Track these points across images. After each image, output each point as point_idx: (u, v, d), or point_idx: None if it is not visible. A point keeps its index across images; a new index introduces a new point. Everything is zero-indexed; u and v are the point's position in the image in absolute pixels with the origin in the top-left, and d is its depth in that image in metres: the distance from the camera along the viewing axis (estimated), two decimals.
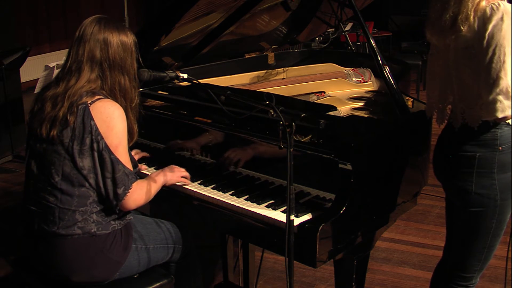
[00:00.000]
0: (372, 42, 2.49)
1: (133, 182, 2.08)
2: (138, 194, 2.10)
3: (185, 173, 2.32)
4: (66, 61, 2.11)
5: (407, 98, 2.53)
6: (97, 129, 2.00)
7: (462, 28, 2.03)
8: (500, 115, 2.00)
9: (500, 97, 1.98)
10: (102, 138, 2.01)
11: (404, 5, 9.84)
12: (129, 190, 2.06)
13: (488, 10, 1.98)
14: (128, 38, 2.10)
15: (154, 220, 2.34)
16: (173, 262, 2.34)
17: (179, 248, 2.32)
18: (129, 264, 2.16)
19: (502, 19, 1.95)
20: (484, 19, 1.99)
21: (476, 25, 2.01)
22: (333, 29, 3.61)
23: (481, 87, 2.02)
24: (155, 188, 2.20)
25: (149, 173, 2.43)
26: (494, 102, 1.99)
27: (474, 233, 2.21)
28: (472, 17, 2.01)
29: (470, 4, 2.00)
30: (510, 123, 2.09)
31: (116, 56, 2.07)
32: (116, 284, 2.16)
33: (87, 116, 2.00)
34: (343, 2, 3.18)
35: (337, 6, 3.24)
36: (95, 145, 2.01)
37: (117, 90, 2.08)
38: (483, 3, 2.00)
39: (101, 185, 2.04)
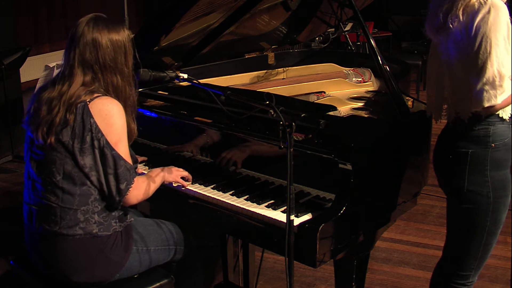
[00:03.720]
0: (372, 42, 2.49)
1: (135, 177, 2.08)
2: (139, 189, 2.11)
3: (184, 174, 2.32)
4: (62, 65, 2.10)
5: (407, 98, 2.53)
6: (97, 126, 2.00)
7: (451, 25, 2.08)
8: (486, 104, 2.03)
9: (487, 87, 2.02)
10: (102, 135, 2.01)
11: (404, 5, 9.83)
12: (132, 185, 2.06)
13: (476, 5, 2.03)
14: (120, 36, 2.07)
15: (155, 221, 2.33)
16: (174, 262, 2.34)
17: (181, 249, 2.32)
18: (130, 265, 2.16)
19: (489, 11, 2.00)
20: (472, 13, 2.03)
21: (464, 20, 2.05)
22: (333, 29, 3.61)
23: (470, 78, 2.06)
24: (154, 185, 2.19)
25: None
26: (481, 92, 2.03)
27: (469, 231, 2.22)
28: (461, 13, 2.05)
29: (460, 3, 2.05)
30: (505, 118, 2.11)
31: (106, 57, 2.04)
32: (117, 284, 2.16)
33: (86, 114, 2.00)
34: (343, 2, 3.18)
35: (337, 6, 3.24)
36: (95, 143, 2.01)
37: (110, 90, 2.08)
38: (473, 0, 2.04)
39: (103, 181, 2.04)
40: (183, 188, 2.31)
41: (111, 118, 2.02)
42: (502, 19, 2.00)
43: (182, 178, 2.31)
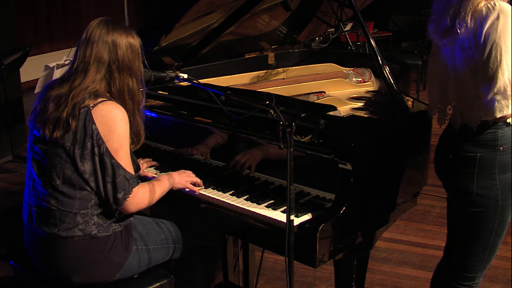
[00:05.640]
0: (372, 42, 2.49)
1: (134, 187, 2.06)
2: (140, 197, 2.09)
3: (195, 179, 2.29)
4: (73, 62, 2.10)
5: (407, 98, 2.53)
6: (98, 133, 2.00)
7: (459, 30, 2.03)
8: (498, 114, 2.01)
9: (498, 97, 1.98)
10: (103, 142, 2.00)
11: (404, 5, 9.83)
12: (129, 195, 2.05)
13: (484, 10, 1.98)
14: (136, 41, 2.10)
15: (154, 220, 2.33)
16: (174, 261, 2.34)
17: (180, 247, 2.32)
18: (130, 265, 2.16)
19: (497, 18, 1.95)
20: (480, 19, 1.99)
21: (472, 26, 2.01)
22: (333, 29, 3.62)
23: (480, 87, 2.03)
24: (159, 192, 2.17)
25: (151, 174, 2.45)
26: (492, 102, 1.99)
27: (476, 233, 2.21)
28: (469, 19, 2.01)
29: (469, 7, 2.00)
30: (510, 123, 2.09)
31: (124, 58, 2.06)
32: (116, 284, 2.16)
33: (88, 120, 1.99)
34: (343, 2, 3.18)
35: (337, 6, 3.24)
36: (96, 149, 2.00)
37: (126, 92, 2.08)
38: (481, 4, 2.00)
39: (102, 189, 2.03)
40: (187, 190, 2.30)
41: (113, 123, 2.01)
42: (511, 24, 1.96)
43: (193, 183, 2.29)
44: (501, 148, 2.10)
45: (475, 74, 2.03)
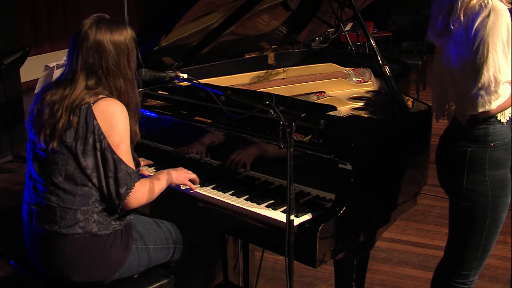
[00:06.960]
0: (372, 42, 2.49)
1: (136, 182, 2.07)
2: (141, 193, 2.10)
3: (192, 176, 2.30)
4: (65, 67, 2.10)
5: (407, 98, 2.53)
6: (99, 128, 2.00)
7: (452, 27, 2.08)
8: (480, 109, 2.04)
9: (482, 92, 2.02)
10: (104, 137, 2.01)
11: (404, 5, 9.85)
12: (132, 190, 2.06)
13: (477, 7, 2.03)
14: (123, 37, 2.06)
15: (155, 221, 2.34)
16: (174, 262, 2.35)
17: (180, 248, 2.33)
18: (130, 264, 2.16)
19: (488, 15, 2.00)
20: (473, 15, 2.03)
21: (465, 22, 2.05)
22: (333, 29, 3.62)
23: (468, 82, 2.06)
24: (158, 187, 2.18)
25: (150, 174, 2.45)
26: (476, 96, 2.03)
27: (469, 230, 2.22)
28: (462, 15, 2.05)
29: (460, 3, 2.05)
30: (503, 121, 2.12)
31: (109, 62, 2.04)
32: (116, 284, 2.16)
33: (89, 116, 2.00)
34: (343, 2, 3.19)
35: (337, 6, 3.24)
36: (97, 145, 2.01)
37: (115, 94, 2.08)
38: (474, 1, 2.04)
39: (104, 184, 2.04)
40: (183, 188, 2.30)
41: (114, 119, 2.02)
42: (502, 23, 1.99)
43: (190, 180, 2.30)
44: (492, 144, 2.12)
45: (466, 70, 2.07)
